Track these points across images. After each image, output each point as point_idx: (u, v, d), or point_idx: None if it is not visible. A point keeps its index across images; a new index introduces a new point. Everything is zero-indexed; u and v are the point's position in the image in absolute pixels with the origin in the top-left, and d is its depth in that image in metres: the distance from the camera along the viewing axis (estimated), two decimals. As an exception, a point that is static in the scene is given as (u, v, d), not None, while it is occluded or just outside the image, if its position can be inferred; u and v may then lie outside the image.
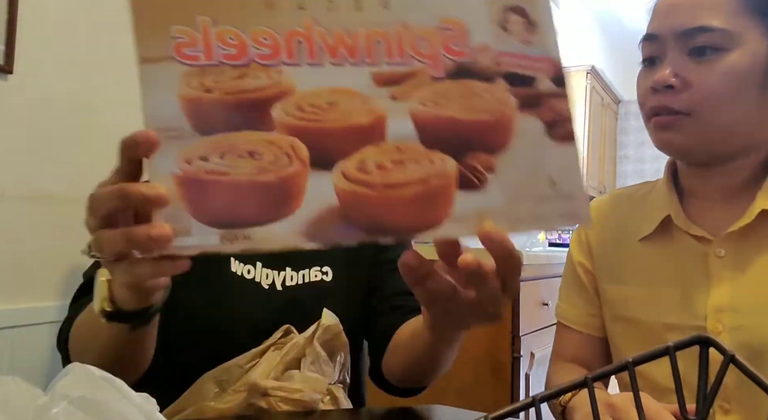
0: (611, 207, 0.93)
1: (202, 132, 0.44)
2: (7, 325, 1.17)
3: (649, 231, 0.83)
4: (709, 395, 0.36)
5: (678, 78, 0.74)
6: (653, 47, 0.78)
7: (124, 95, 1.42)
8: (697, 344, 0.37)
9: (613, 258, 0.88)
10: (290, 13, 0.46)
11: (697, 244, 0.79)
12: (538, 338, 1.94)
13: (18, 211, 1.22)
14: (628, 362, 0.37)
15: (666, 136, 0.76)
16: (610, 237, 0.89)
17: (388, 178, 0.44)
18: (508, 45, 0.48)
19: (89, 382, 0.47)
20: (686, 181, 0.83)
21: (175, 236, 0.43)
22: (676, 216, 0.80)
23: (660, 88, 0.75)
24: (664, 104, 0.75)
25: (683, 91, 0.73)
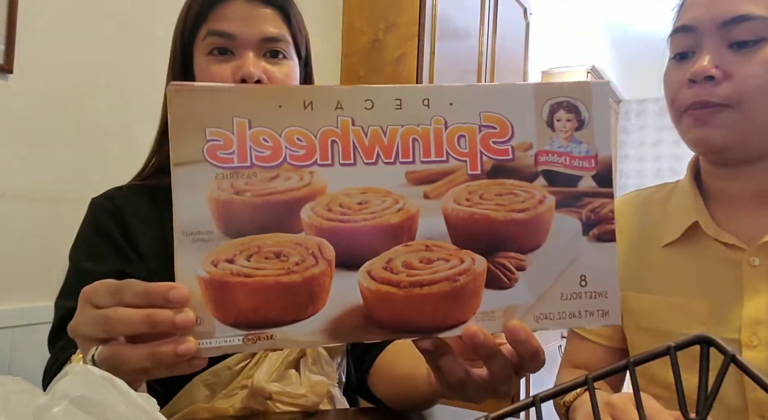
0: (630, 210, 0.88)
1: (230, 235, 0.44)
2: (7, 324, 1.17)
3: (675, 237, 0.79)
4: (709, 395, 0.36)
5: (718, 69, 0.70)
6: (688, 39, 0.74)
7: (124, 95, 1.42)
8: (698, 344, 0.37)
9: (635, 265, 0.83)
10: (328, 113, 0.45)
11: (729, 252, 0.74)
12: (537, 338, 1.94)
13: (18, 211, 1.22)
14: (628, 362, 0.37)
15: (703, 132, 0.72)
16: (630, 242, 0.85)
17: (414, 276, 0.44)
18: (552, 142, 0.48)
19: (90, 381, 0.47)
20: (712, 183, 0.79)
21: (198, 341, 0.43)
22: (705, 223, 0.76)
23: (699, 80, 0.70)
24: (704, 97, 0.70)
25: (723, 82, 0.69)
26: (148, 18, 1.48)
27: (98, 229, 0.82)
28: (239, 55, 0.79)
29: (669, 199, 0.84)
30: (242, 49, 0.79)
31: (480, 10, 2.60)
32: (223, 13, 0.79)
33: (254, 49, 0.79)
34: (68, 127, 1.31)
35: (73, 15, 1.31)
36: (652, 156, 5.72)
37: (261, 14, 0.80)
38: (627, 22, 5.22)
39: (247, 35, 0.78)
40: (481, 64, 2.61)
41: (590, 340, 0.88)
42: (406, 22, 2.15)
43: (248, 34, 0.78)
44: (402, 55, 2.15)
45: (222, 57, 0.79)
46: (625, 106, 5.70)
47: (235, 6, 0.79)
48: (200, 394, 0.68)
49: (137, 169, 0.97)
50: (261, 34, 0.79)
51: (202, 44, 0.80)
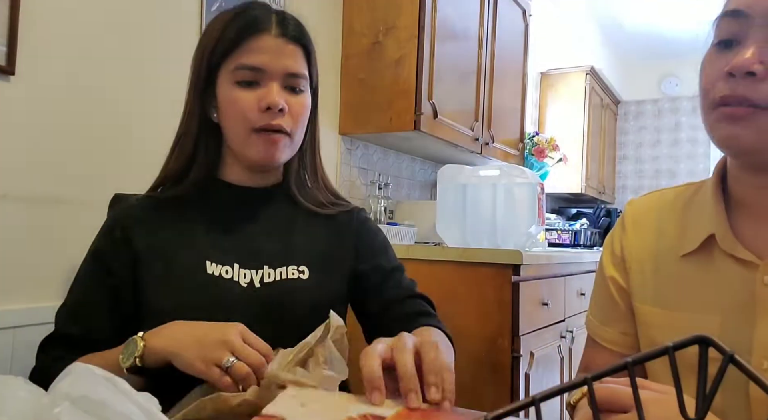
0: (650, 213, 0.82)
1: None
2: (9, 325, 1.17)
3: (691, 248, 0.73)
4: (708, 395, 0.36)
5: (763, 64, 0.62)
6: (736, 26, 0.65)
7: (125, 97, 1.42)
8: (696, 344, 0.37)
9: (651, 275, 0.78)
10: None
11: (744, 268, 0.69)
12: (537, 338, 1.94)
13: (19, 212, 1.22)
14: (627, 362, 0.37)
15: (733, 130, 0.65)
16: (648, 250, 0.80)
17: None
18: None
19: (91, 381, 0.47)
20: (739, 189, 0.73)
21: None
22: (721, 236, 0.70)
23: (738, 74, 0.63)
24: (741, 93, 0.63)
25: (765, 81, 0.62)
26: (149, 20, 1.49)
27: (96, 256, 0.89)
28: (264, 85, 0.85)
29: (691, 204, 0.78)
30: (268, 80, 0.85)
31: (479, 12, 2.60)
32: (253, 47, 0.85)
33: (278, 80, 0.86)
34: (70, 129, 1.31)
35: (75, 17, 1.32)
36: (651, 157, 5.72)
37: (287, 50, 0.86)
38: (626, 24, 5.23)
39: (274, 68, 0.85)
40: (481, 65, 2.61)
41: (604, 346, 0.84)
42: (406, 24, 2.16)
43: (275, 67, 0.85)
44: (402, 56, 2.16)
45: (248, 87, 0.85)
46: (623, 107, 5.71)
47: (264, 40, 0.85)
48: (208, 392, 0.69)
49: (137, 169, 0.98)
50: (286, 68, 0.86)
51: (230, 74, 0.86)
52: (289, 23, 0.88)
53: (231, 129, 0.87)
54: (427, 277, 1.87)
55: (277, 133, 0.85)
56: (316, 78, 0.94)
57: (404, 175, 2.75)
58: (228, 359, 0.66)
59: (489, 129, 2.71)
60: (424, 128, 2.16)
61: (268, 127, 0.85)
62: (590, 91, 4.36)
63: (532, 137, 3.56)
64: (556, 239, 3.91)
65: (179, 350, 0.69)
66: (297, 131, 0.89)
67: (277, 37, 0.85)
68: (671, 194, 0.83)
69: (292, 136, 0.88)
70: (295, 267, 0.89)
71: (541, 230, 2.26)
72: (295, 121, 0.87)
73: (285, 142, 0.87)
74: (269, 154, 0.86)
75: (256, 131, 0.85)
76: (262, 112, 0.84)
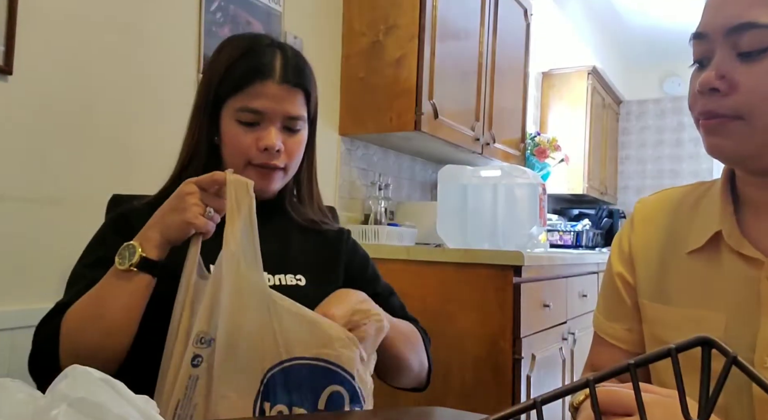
0: (659, 211, 0.84)
1: None
2: (7, 326, 1.17)
3: (698, 245, 0.75)
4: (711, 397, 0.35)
5: (723, 80, 0.66)
6: (702, 47, 0.70)
7: (123, 97, 1.42)
8: (699, 346, 0.37)
9: (658, 271, 0.80)
10: None
11: (749, 265, 0.70)
12: (539, 340, 1.94)
13: (17, 212, 1.22)
14: (630, 364, 0.37)
15: (716, 140, 0.69)
16: (656, 246, 0.81)
17: None
18: None
19: (89, 383, 0.47)
20: (745, 188, 0.74)
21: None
22: (728, 233, 0.72)
23: (705, 92, 0.68)
24: (710, 108, 0.68)
25: (730, 94, 0.66)
26: (148, 20, 1.48)
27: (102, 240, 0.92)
28: (264, 127, 0.91)
29: (700, 202, 0.79)
30: (268, 122, 0.91)
31: (480, 11, 2.60)
32: (256, 92, 0.90)
33: (277, 123, 0.91)
34: (68, 129, 1.31)
35: (73, 17, 1.31)
36: (653, 157, 5.72)
37: (289, 96, 0.92)
38: (628, 24, 5.23)
39: (274, 113, 0.91)
40: (482, 65, 2.61)
41: (610, 344, 0.85)
42: (407, 24, 2.15)
43: (275, 112, 0.91)
44: (402, 56, 2.16)
45: (248, 127, 0.91)
46: (625, 107, 5.70)
47: (268, 87, 0.90)
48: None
49: (135, 170, 0.98)
50: (286, 113, 0.91)
51: (233, 112, 0.91)
52: (292, 66, 0.92)
53: (230, 159, 0.93)
54: (428, 278, 1.86)
55: (273, 169, 0.92)
56: (315, 110, 0.99)
57: (405, 176, 2.74)
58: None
59: (490, 129, 2.71)
60: (424, 128, 2.16)
61: (264, 165, 0.91)
62: (592, 91, 4.35)
63: (533, 137, 3.56)
64: (558, 240, 3.90)
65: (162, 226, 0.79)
66: (291, 165, 0.95)
67: (280, 83, 0.90)
68: (682, 192, 0.84)
69: (286, 170, 0.94)
70: (293, 275, 0.93)
71: (542, 231, 2.25)
72: (290, 157, 0.94)
73: (279, 175, 0.94)
74: (263, 186, 0.92)
75: (252, 165, 0.91)
76: (259, 152, 0.90)
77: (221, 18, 1.69)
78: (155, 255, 0.78)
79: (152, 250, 0.78)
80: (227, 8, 1.71)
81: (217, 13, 1.68)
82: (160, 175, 0.95)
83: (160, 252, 0.79)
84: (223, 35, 1.68)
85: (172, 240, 0.79)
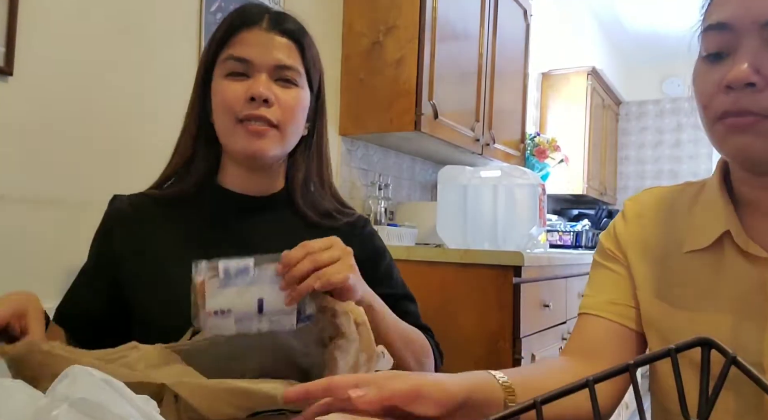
0: (651, 209, 0.82)
1: None
2: (8, 326, 1.17)
3: (703, 245, 0.73)
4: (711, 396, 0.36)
5: (759, 75, 0.63)
6: (723, 39, 0.66)
7: (124, 97, 1.42)
8: (699, 346, 0.37)
9: (655, 269, 0.78)
10: None
11: (753, 267, 0.69)
12: (538, 340, 1.94)
13: (18, 213, 1.22)
14: (629, 364, 0.37)
15: (744, 140, 0.65)
16: (651, 241, 0.80)
17: None
18: None
19: (90, 384, 0.47)
20: (744, 190, 0.73)
21: None
22: (736, 233, 0.70)
23: (737, 87, 0.63)
24: (743, 106, 0.63)
25: (765, 90, 0.62)
26: (148, 20, 1.48)
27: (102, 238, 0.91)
28: (253, 77, 0.85)
29: (696, 202, 0.78)
30: (257, 72, 0.85)
31: (480, 12, 2.60)
32: (243, 40, 0.86)
33: (267, 72, 0.85)
34: (68, 130, 1.31)
35: (74, 17, 1.31)
36: (652, 158, 5.72)
37: (277, 43, 0.86)
38: (627, 24, 5.23)
39: (262, 60, 0.85)
40: (481, 66, 2.61)
41: (600, 316, 0.80)
42: (406, 24, 2.15)
43: (263, 59, 0.85)
44: (402, 57, 2.16)
45: (238, 78, 0.85)
46: (625, 107, 5.70)
47: (254, 34, 0.86)
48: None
49: (135, 170, 0.98)
50: (275, 60, 0.86)
51: (222, 66, 0.87)
52: (284, 20, 0.89)
53: (219, 122, 0.87)
54: (428, 278, 1.86)
55: (261, 123, 0.84)
56: (319, 78, 0.93)
57: (404, 176, 2.74)
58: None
59: (490, 130, 2.71)
60: (424, 129, 2.16)
61: (251, 116, 0.83)
62: (592, 92, 4.35)
63: (533, 138, 3.56)
64: (558, 240, 3.90)
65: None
66: (288, 125, 0.86)
67: (268, 30, 0.86)
68: (672, 192, 0.83)
69: (281, 129, 0.86)
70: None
71: (542, 231, 2.25)
72: (285, 113, 0.85)
73: (272, 134, 0.85)
74: (255, 145, 0.84)
75: (240, 122, 0.84)
76: (246, 102, 0.83)
77: (221, 18, 1.69)
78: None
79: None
80: (227, 9, 1.72)
81: (217, 13, 1.68)
82: (159, 174, 0.95)
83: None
84: (223, 36, 1.69)
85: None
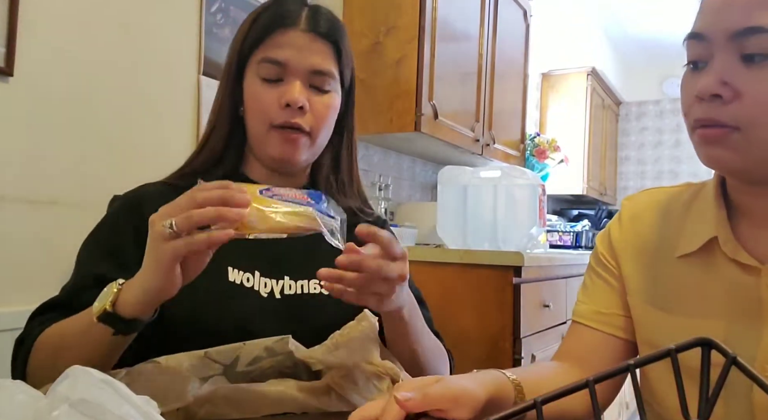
0: (647, 210, 0.82)
1: None
2: (7, 327, 1.17)
3: (691, 250, 0.72)
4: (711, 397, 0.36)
5: (727, 86, 0.62)
6: (700, 48, 0.66)
7: (124, 98, 1.42)
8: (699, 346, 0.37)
9: (649, 275, 0.77)
10: None
11: (746, 273, 0.68)
12: (539, 340, 1.94)
13: (18, 214, 1.22)
14: (629, 365, 0.37)
15: (713, 152, 0.65)
16: (644, 246, 0.79)
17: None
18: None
19: (89, 384, 0.46)
20: (737, 196, 0.72)
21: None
22: (724, 239, 0.70)
23: (705, 98, 0.64)
24: (711, 116, 0.64)
25: (732, 102, 0.62)
26: (148, 21, 1.48)
27: (112, 227, 0.84)
28: (287, 82, 0.82)
29: (691, 205, 0.77)
30: (292, 76, 0.82)
31: (480, 13, 2.60)
32: (279, 41, 0.82)
33: (302, 78, 0.82)
34: (68, 130, 1.31)
35: (74, 17, 1.32)
36: (652, 158, 5.72)
37: (315, 47, 0.83)
38: (627, 25, 5.23)
39: (298, 65, 0.82)
40: (481, 66, 2.61)
41: (589, 326, 0.82)
42: (407, 25, 2.15)
43: (299, 64, 0.82)
44: (402, 57, 2.16)
45: (271, 82, 0.82)
46: (624, 108, 5.71)
47: (291, 35, 0.82)
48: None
49: (136, 171, 0.98)
50: (311, 66, 0.82)
51: (255, 67, 0.83)
52: (321, 18, 0.84)
53: (252, 124, 0.85)
54: (428, 279, 1.86)
55: (296, 131, 0.83)
56: (351, 77, 0.90)
57: (405, 177, 2.74)
58: (164, 224, 0.59)
59: (490, 130, 2.71)
60: (424, 129, 2.16)
61: (286, 125, 0.82)
62: (591, 92, 4.36)
63: (533, 138, 3.56)
64: (558, 241, 3.90)
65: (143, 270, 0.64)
66: (320, 132, 0.85)
67: (305, 32, 0.82)
68: (670, 193, 0.82)
69: (312, 136, 0.85)
70: (317, 281, 0.85)
71: (542, 232, 2.25)
72: (318, 120, 0.84)
73: (304, 142, 0.84)
74: (287, 152, 0.84)
75: (274, 128, 0.83)
76: (281, 109, 0.81)
77: (222, 19, 1.69)
78: (130, 312, 0.64)
79: (128, 305, 0.64)
80: (228, 9, 1.72)
81: (217, 14, 1.68)
82: (160, 175, 0.95)
83: (138, 309, 0.64)
84: (224, 36, 1.68)
85: (152, 291, 0.63)
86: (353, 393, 0.70)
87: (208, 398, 0.65)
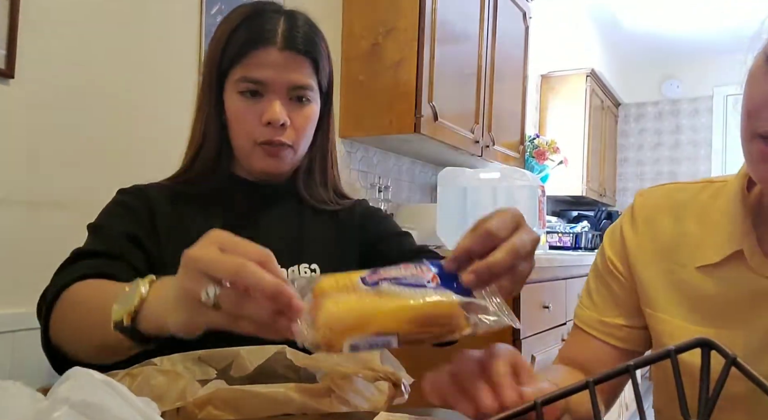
0: (662, 212, 0.77)
1: None
2: (9, 329, 1.17)
3: (713, 261, 0.68)
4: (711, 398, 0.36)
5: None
6: None
7: (125, 100, 1.42)
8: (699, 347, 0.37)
9: (663, 281, 0.74)
10: None
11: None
12: (538, 341, 1.94)
13: (19, 216, 1.22)
14: (629, 365, 0.37)
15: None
16: (658, 251, 0.75)
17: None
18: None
19: (90, 386, 0.47)
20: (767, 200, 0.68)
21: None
22: (750, 253, 0.65)
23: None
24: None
25: None
26: (148, 23, 1.49)
27: (123, 204, 0.86)
28: (267, 99, 0.84)
29: (711, 209, 0.72)
30: (272, 93, 0.84)
31: (479, 14, 2.60)
32: (256, 61, 0.83)
33: (282, 94, 0.84)
34: (69, 132, 1.31)
35: (75, 19, 1.32)
36: (652, 159, 5.72)
37: (293, 63, 0.84)
38: (627, 26, 5.24)
39: (278, 83, 0.83)
40: (481, 67, 2.62)
41: (590, 334, 0.80)
42: (406, 26, 2.16)
43: (279, 81, 0.83)
44: (402, 59, 2.16)
45: (251, 99, 0.84)
46: (624, 109, 5.71)
47: (269, 54, 0.83)
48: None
49: (137, 172, 0.98)
50: (290, 82, 0.84)
51: (235, 84, 0.85)
52: (298, 32, 0.85)
53: (236, 141, 0.88)
54: (428, 279, 1.86)
55: (280, 146, 0.86)
56: (328, 82, 0.92)
57: (404, 178, 2.75)
58: (206, 291, 0.46)
59: (489, 131, 2.71)
60: (424, 131, 2.16)
61: (269, 142, 0.85)
62: (591, 94, 4.36)
63: (532, 140, 3.56)
64: (557, 242, 3.90)
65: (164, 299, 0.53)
66: (300, 143, 0.88)
67: (283, 50, 0.83)
68: (688, 193, 0.77)
69: (294, 147, 0.88)
70: (307, 265, 0.88)
71: (541, 233, 2.26)
72: (299, 133, 0.87)
73: (287, 154, 0.87)
74: (272, 166, 0.87)
75: (258, 144, 0.85)
76: (263, 127, 0.84)
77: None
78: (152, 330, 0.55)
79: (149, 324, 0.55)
80: (227, 12, 1.72)
81: (217, 16, 1.68)
82: (161, 176, 0.95)
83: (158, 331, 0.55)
84: (223, 38, 1.69)
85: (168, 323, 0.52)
86: (353, 394, 0.71)
87: (208, 400, 0.65)
